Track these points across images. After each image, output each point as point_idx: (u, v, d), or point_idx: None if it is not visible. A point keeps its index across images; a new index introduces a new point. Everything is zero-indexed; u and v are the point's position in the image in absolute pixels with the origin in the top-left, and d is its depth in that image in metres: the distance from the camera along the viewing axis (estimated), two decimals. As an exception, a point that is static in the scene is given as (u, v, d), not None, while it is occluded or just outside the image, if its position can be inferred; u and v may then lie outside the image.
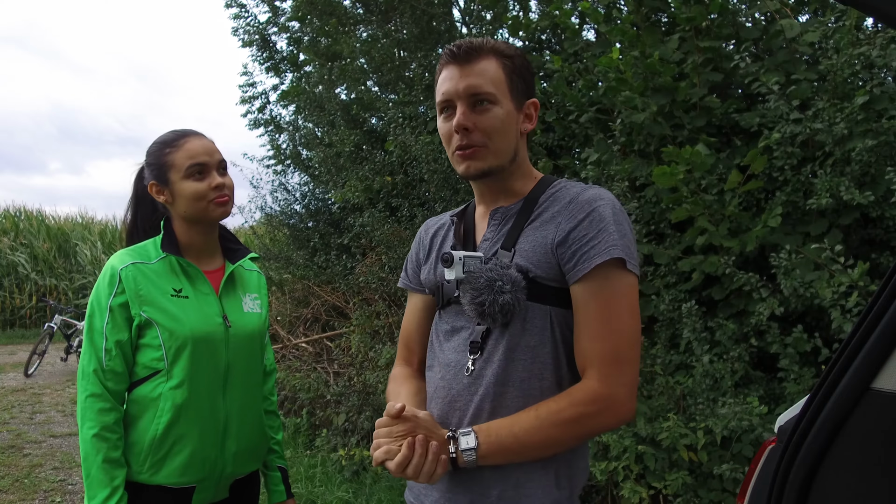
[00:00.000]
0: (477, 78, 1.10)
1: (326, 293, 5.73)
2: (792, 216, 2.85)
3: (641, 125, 3.08)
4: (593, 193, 1.11)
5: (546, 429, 1.02)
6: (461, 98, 1.10)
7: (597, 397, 1.02)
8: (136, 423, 1.44)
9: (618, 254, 1.03)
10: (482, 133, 1.10)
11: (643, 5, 3.36)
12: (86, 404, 1.40)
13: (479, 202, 1.26)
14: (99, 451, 1.37)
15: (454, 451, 1.02)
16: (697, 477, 2.68)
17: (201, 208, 1.48)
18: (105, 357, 1.41)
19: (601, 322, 1.04)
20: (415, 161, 4.41)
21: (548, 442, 1.03)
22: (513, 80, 1.13)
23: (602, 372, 1.03)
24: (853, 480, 0.95)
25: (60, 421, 5.69)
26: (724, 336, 2.77)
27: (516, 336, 1.09)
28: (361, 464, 3.98)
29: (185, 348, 1.43)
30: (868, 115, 2.59)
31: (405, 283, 1.36)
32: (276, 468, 1.69)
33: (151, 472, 1.43)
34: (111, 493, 1.36)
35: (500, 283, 1.05)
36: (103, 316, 1.43)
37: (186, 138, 1.50)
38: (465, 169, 1.13)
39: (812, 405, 0.97)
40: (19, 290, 12.34)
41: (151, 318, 1.43)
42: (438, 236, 1.30)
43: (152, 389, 1.44)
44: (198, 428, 1.45)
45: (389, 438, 1.02)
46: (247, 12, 6.66)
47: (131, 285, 1.43)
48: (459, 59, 1.11)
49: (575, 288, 1.07)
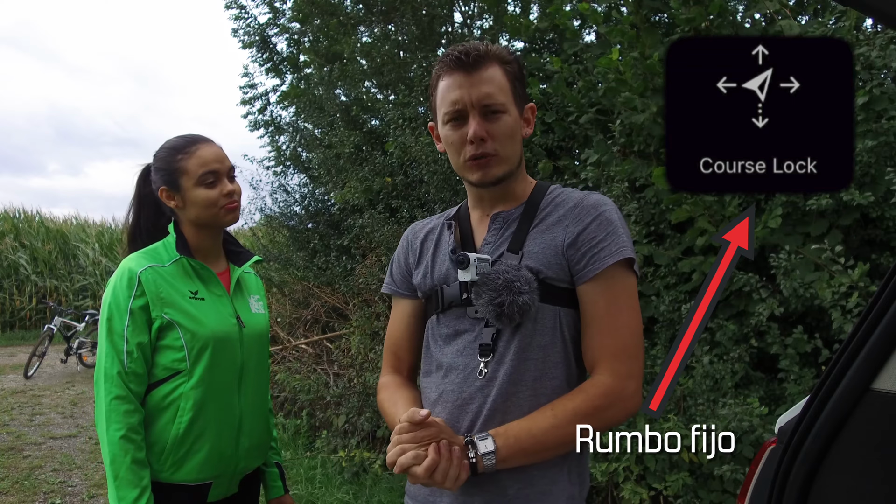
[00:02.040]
0: (488, 86, 1.11)
1: (326, 294, 5.72)
2: (792, 217, 2.85)
3: (641, 126, 3.08)
4: (597, 198, 1.15)
5: (563, 426, 1.04)
6: (475, 108, 1.11)
7: (608, 391, 1.05)
8: (154, 424, 1.46)
9: (628, 254, 1.08)
10: (496, 142, 1.12)
11: (643, 6, 3.37)
12: (111, 406, 1.40)
13: (474, 206, 1.26)
14: (127, 452, 1.39)
15: (474, 456, 1.02)
16: (698, 478, 2.68)
17: (213, 214, 1.52)
18: (127, 359, 1.43)
19: (609, 319, 1.08)
20: (414, 162, 4.42)
21: (566, 439, 1.05)
22: (515, 87, 1.15)
23: (612, 367, 1.07)
24: (853, 481, 0.95)
25: (60, 423, 5.69)
26: (725, 337, 2.77)
27: (528, 336, 1.10)
28: (361, 465, 3.98)
29: (206, 349, 1.47)
30: (868, 116, 2.59)
31: (391, 289, 1.34)
32: (274, 464, 1.73)
33: (172, 470, 1.46)
34: (140, 493, 1.38)
35: (518, 284, 1.07)
36: (123, 318, 1.43)
37: (198, 145, 1.52)
38: (481, 177, 1.14)
39: (812, 406, 0.97)
40: (19, 292, 12.34)
41: (174, 320, 1.45)
42: (430, 240, 1.29)
43: (173, 390, 1.46)
44: (216, 425, 1.49)
45: (414, 444, 1.02)
46: (247, 13, 6.67)
47: (152, 288, 1.45)
48: (467, 66, 1.11)
49: (583, 287, 1.10)
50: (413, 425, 1.03)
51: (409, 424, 1.03)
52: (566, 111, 3.62)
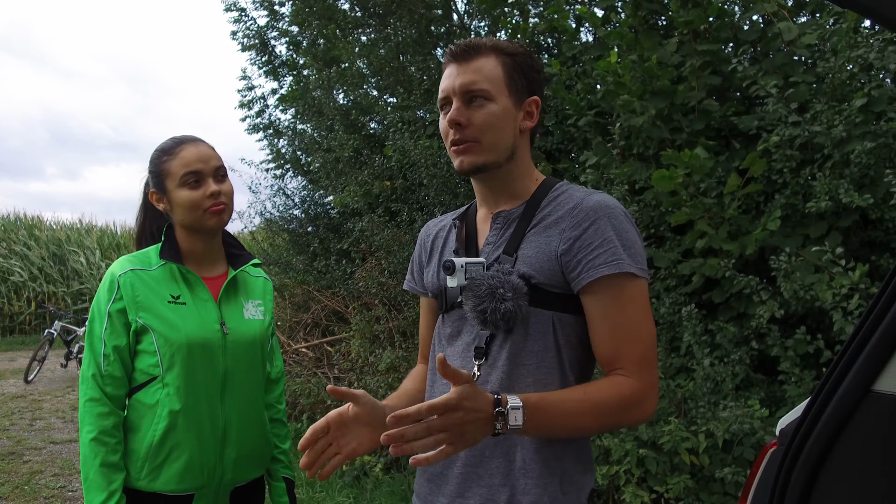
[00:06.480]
0: (473, 75, 1.12)
1: (326, 298, 5.72)
2: (791, 219, 2.85)
3: (640, 128, 3.08)
4: (598, 200, 1.10)
5: (587, 414, 1.00)
6: (456, 94, 1.12)
7: (635, 392, 1.03)
8: (136, 430, 1.45)
9: (624, 268, 1.03)
10: (475, 129, 1.11)
11: (641, 9, 3.37)
12: (85, 408, 1.41)
13: (480, 204, 1.26)
14: (97, 454, 1.38)
15: (500, 427, 0.94)
16: (699, 480, 2.68)
17: (196, 217, 1.48)
18: (104, 362, 1.42)
19: (623, 330, 1.04)
20: (414, 165, 4.42)
21: (584, 427, 1.03)
22: (512, 78, 1.14)
23: (641, 374, 1.04)
24: (855, 483, 0.95)
25: (60, 427, 5.68)
26: (725, 339, 2.77)
27: (519, 342, 1.08)
28: (362, 469, 3.97)
29: (179, 354, 1.44)
30: (867, 118, 2.59)
31: (411, 286, 1.36)
32: (281, 478, 1.66)
33: (149, 478, 1.43)
34: (108, 497, 1.36)
35: (501, 291, 1.04)
36: (102, 321, 1.44)
37: (183, 146, 1.50)
38: (459, 164, 1.14)
39: (813, 408, 0.97)
40: (17, 297, 12.33)
41: (147, 325, 1.44)
42: (439, 239, 1.30)
43: (150, 395, 1.45)
44: (195, 434, 1.45)
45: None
46: (246, 16, 6.67)
47: (129, 291, 1.45)
48: (458, 57, 1.14)
49: (585, 297, 1.07)
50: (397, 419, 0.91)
51: (393, 419, 0.90)
52: (565, 114, 3.63)
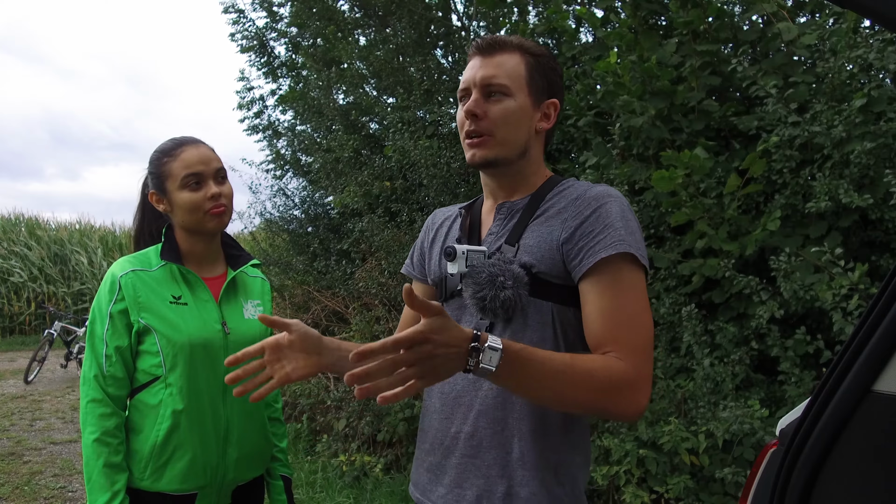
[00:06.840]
0: (494, 69, 1.13)
1: (326, 298, 5.72)
2: (791, 219, 2.85)
3: (640, 129, 3.08)
4: (600, 190, 1.10)
5: (569, 381, 0.95)
6: (476, 86, 1.13)
7: (626, 375, 0.97)
8: (139, 430, 1.45)
9: (625, 248, 1.02)
10: (491, 122, 1.12)
11: (640, 9, 3.38)
12: (87, 409, 1.41)
13: (487, 197, 1.26)
14: (100, 455, 1.38)
15: (472, 364, 0.89)
16: (699, 481, 2.68)
17: (197, 219, 1.48)
18: (105, 363, 1.43)
19: (621, 313, 1.01)
20: (414, 166, 4.42)
21: (563, 395, 0.96)
22: (533, 77, 1.15)
23: (633, 361, 0.99)
24: (855, 483, 0.95)
25: (60, 428, 5.67)
26: (725, 339, 2.77)
27: (518, 332, 1.08)
28: (362, 469, 3.97)
29: (182, 354, 1.44)
30: (866, 118, 2.59)
31: (408, 270, 1.37)
32: (279, 477, 1.67)
33: (153, 478, 1.44)
34: (111, 497, 1.37)
35: (501, 279, 1.04)
36: (104, 322, 1.45)
37: (183, 147, 1.50)
38: (472, 157, 1.15)
39: (813, 408, 0.97)
40: (17, 297, 12.32)
41: (149, 325, 1.44)
42: (444, 227, 1.31)
43: (153, 396, 1.45)
44: (198, 434, 1.46)
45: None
46: (245, 17, 6.67)
47: (130, 292, 1.45)
48: (483, 50, 1.15)
49: (584, 283, 1.05)
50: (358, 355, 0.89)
51: (357, 355, 0.89)
52: (565, 114, 3.63)
